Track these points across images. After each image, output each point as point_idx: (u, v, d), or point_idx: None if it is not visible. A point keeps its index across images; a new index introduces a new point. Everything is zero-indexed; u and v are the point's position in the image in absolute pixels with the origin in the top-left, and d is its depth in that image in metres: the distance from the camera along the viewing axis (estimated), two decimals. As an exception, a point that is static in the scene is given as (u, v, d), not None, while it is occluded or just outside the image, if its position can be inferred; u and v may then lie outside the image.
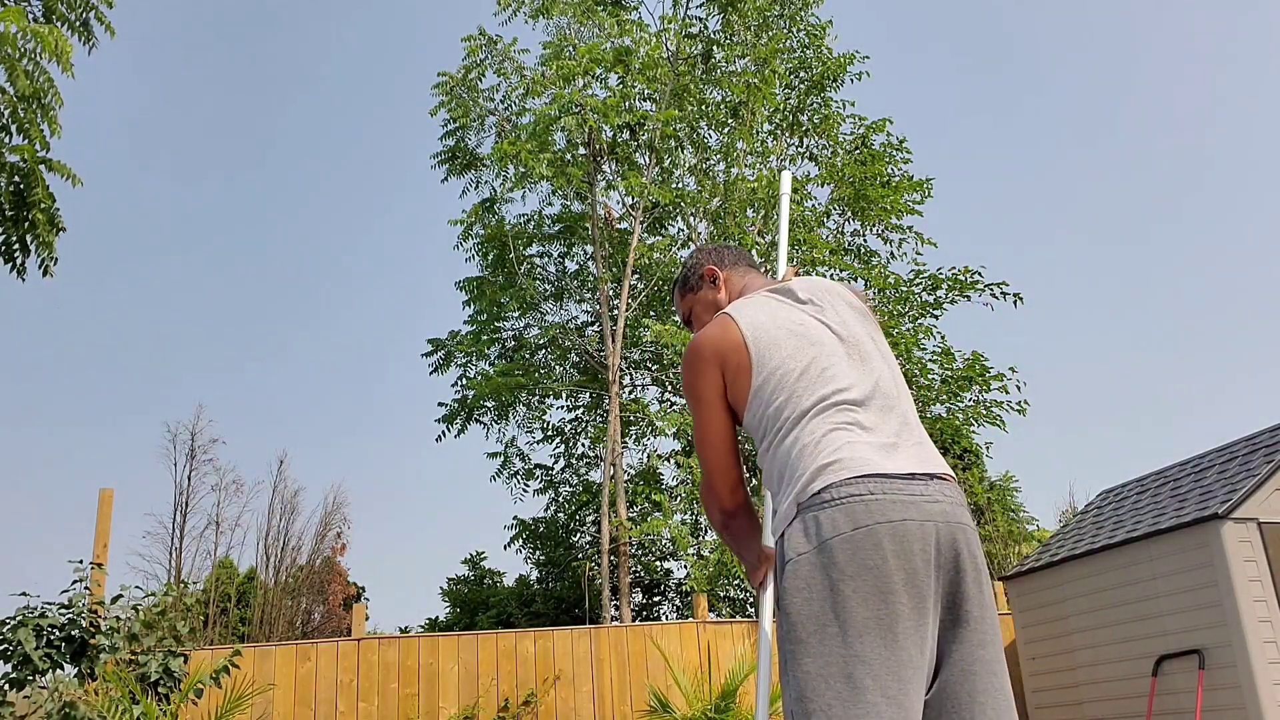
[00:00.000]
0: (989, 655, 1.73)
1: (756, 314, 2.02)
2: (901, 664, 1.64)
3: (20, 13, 5.13)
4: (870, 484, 1.74)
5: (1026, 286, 21.53)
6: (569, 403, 14.62)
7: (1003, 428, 11.93)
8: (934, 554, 1.71)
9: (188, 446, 14.55)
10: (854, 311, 2.09)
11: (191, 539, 14.06)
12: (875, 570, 1.67)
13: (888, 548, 1.68)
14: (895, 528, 1.69)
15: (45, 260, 5.96)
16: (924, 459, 1.84)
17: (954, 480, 1.85)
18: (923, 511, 1.72)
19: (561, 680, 7.75)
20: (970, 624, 1.73)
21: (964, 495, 1.86)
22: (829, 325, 2.02)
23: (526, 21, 13.01)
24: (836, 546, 1.69)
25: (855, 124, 13.86)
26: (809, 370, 1.92)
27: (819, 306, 2.06)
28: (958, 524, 1.76)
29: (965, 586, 1.73)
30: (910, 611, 1.67)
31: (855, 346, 1.99)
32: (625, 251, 12.42)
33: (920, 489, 1.76)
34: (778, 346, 1.96)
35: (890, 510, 1.71)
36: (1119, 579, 7.58)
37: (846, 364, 1.95)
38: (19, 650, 5.47)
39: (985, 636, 1.74)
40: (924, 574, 1.69)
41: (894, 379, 1.98)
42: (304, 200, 25.85)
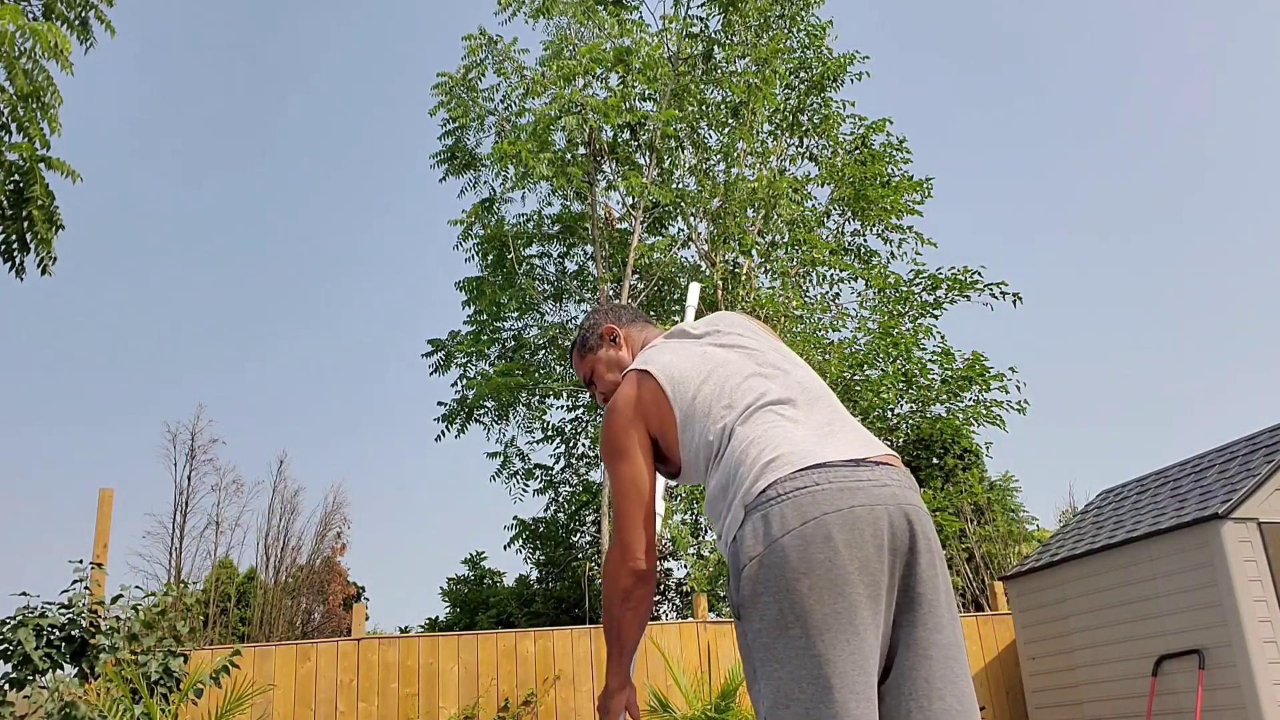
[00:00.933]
0: (944, 639, 1.69)
1: (662, 357, 2.05)
2: (865, 656, 1.62)
3: (18, 11, 5.13)
4: (814, 474, 1.71)
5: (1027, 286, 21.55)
6: (569, 403, 14.62)
7: (1003, 428, 11.94)
8: (886, 538, 1.68)
9: (188, 446, 14.55)
10: (751, 330, 2.13)
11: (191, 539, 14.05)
12: (828, 563, 1.64)
13: (838, 538, 1.65)
14: (844, 515, 1.66)
15: (44, 259, 5.96)
16: (865, 444, 1.83)
17: (899, 462, 1.82)
18: (870, 496, 1.70)
19: (561, 680, 7.75)
20: (924, 606, 1.69)
21: (911, 476, 1.83)
22: (730, 347, 2.06)
23: (527, 21, 13.01)
24: (787, 544, 1.66)
25: (855, 124, 13.87)
26: (725, 387, 1.94)
27: (716, 333, 2.11)
28: (910, 505, 1.73)
29: (919, 569, 1.70)
30: (867, 601, 1.64)
31: (760, 356, 2.02)
32: (625, 252, 12.42)
33: (866, 474, 1.73)
34: (690, 380, 1.97)
35: (837, 499, 1.68)
36: (1119, 579, 7.57)
37: (757, 370, 1.98)
38: (19, 650, 5.46)
39: (940, 620, 1.70)
40: (876, 560, 1.66)
41: (811, 377, 2.00)
42: (304, 200, 25.85)
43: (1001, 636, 8.95)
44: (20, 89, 5.42)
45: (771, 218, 12.70)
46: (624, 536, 1.95)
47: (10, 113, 5.56)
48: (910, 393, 12.13)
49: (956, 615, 1.74)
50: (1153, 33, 27.71)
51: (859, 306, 13.29)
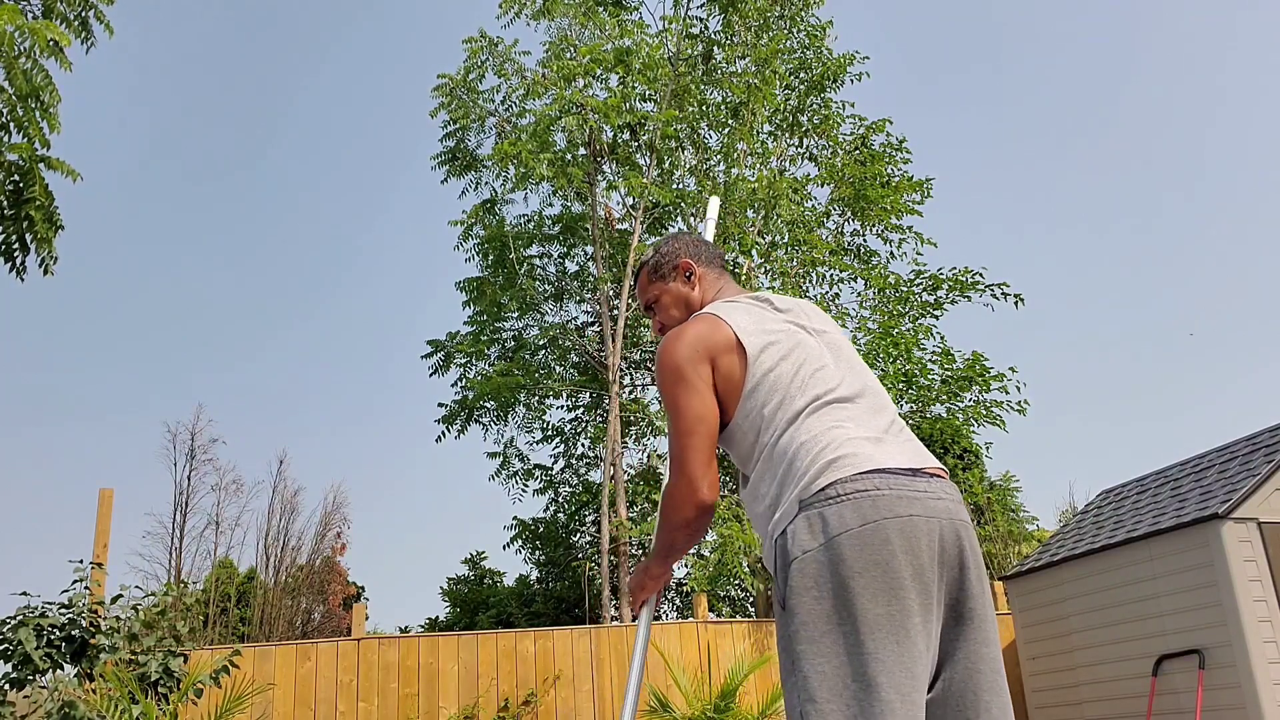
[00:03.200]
0: (992, 653, 1.74)
1: (744, 319, 2.02)
2: (914, 660, 1.64)
3: (16, 10, 5.13)
4: (876, 479, 1.73)
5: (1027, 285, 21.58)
6: (569, 403, 14.62)
7: (1003, 428, 11.93)
8: (939, 551, 1.71)
9: (188, 446, 14.54)
10: (831, 325, 2.14)
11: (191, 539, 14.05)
12: (884, 566, 1.66)
13: (896, 544, 1.67)
14: (903, 524, 1.69)
15: (45, 259, 5.96)
16: (921, 455, 1.86)
17: (948, 476, 1.86)
18: (927, 508, 1.73)
19: (561, 680, 7.74)
20: (974, 621, 1.73)
21: (958, 491, 1.86)
22: (814, 331, 2.06)
23: (528, 23, 13.02)
24: (845, 542, 1.68)
25: (855, 124, 13.87)
26: (800, 372, 1.93)
27: (799, 313, 2.11)
28: (960, 521, 1.76)
29: (969, 584, 1.73)
30: (919, 608, 1.67)
31: (838, 350, 2.03)
32: (625, 252, 12.42)
33: (924, 485, 1.76)
34: (768, 350, 1.96)
35: (897, 506, 1.70)
36: (1119, 579, 7.57)
37: (833, 363, 1.98)
38: (19, 650, 5.46)
39: (988, 634, 1.74)
40: (930, 570, 1.69)
41: (876, 382, 2.04)
42: (304, 199, 25.85)
43: (1001, 636, 8.95)
44: (20, 89, 5.42)
45: (771, 218, 12.70)
46: (691, 470, 1.93)
47: (10, 112, 5.56)
48: (910, 393, 12.13)
49: (998, 630, 1.78)
50: (1152, 29, 27.72)
51: (859, 306, 13.29)
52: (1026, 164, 27.36)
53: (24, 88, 5.42)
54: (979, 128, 26.83)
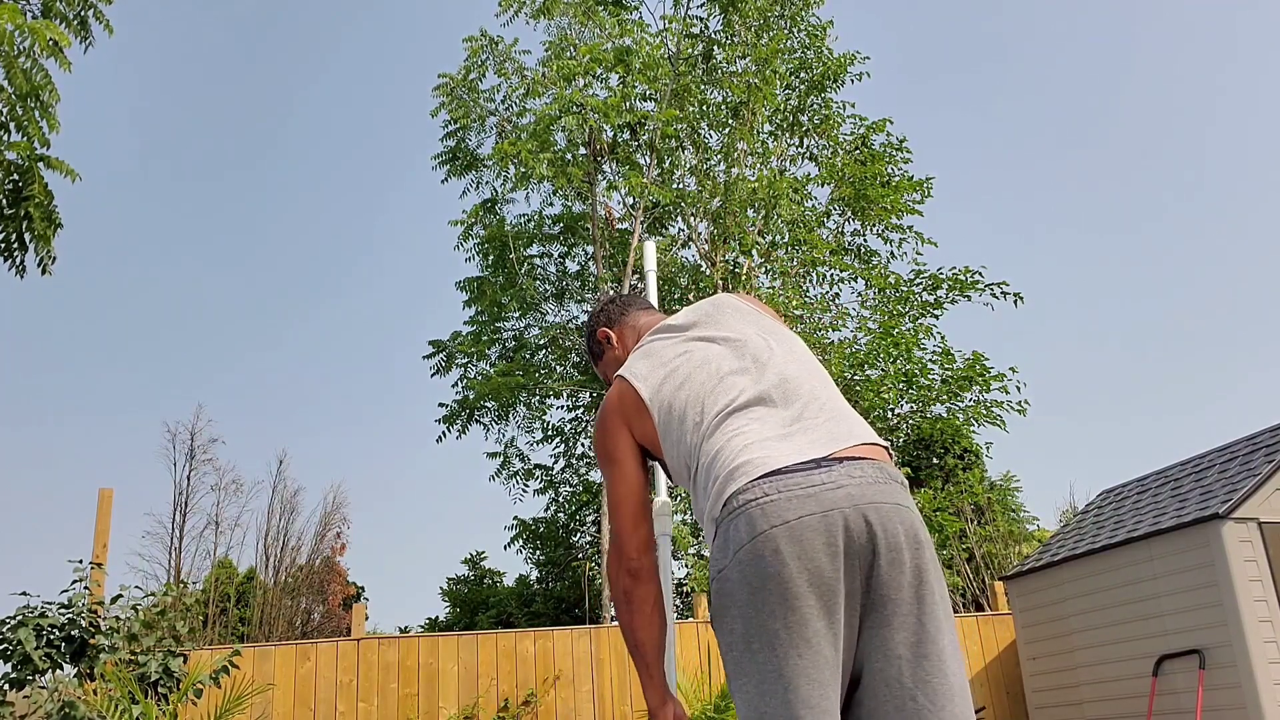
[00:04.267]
0: (915, 638, 1.62)
1: (642, 365, 2.04)
2: (819, 668, 1.59)
3: (16, 10, 5.13)
4: (766, 485, 1.68)
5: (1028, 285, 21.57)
6: (569, 403, 14.62)
7: (1003, 428, 11.94)
8: (842, 543, 1.62)
9: (187, 446, 14.54)
10: (739, 314, 2.07)
11: (191, 539, 14.04)
12: (776, 577, 1.61)
13: (786, 551, 1.61)
14: (791, 528, 1.62)
15: (44, 258, 5.95)
16: (833, 437, 1.77)
17: (873, 455, 1.75)
18: (823, 502, 1.64)
19: (561, 680, 7.74)
20: (888, 606, 1.63)
21: (886, 470, 1.73)
22: (711, 339, 2.02)
23: (528, 22, 13.02)
24: (742, 559, 1.65)
25: (855, 124, 13.87)
26: (700, 391, 1.91)
27: (699, 325, 2.07)
28: (868, 504, 1.65)
29: (881, 569, 1.63)
30: (820, 612, 1.61)
31: (743, 347, 1.97)
32: (626, 252, 12.43)
33: (822, 477, 1.67)
34: (666, 387, 1.96)
35: (786, 510, 1.64)
36: (1119, 579, 7.57)
37: (737, 366, 1.93)
38: (19, 650, 5.46)
39: (908, 619, 1.63)
40: (830, 570, 1.61)
41: (796, 363, 1.93)
42: (305, 199, 25.85)
43: (1001, 636, 8.95)
44: (19, 88, 5.42)
45: (771, 218, 12.70)
46: (617, 539, 1.96)
47: (9, 112, 5.56)
48: (910, 393, 12.13)
49: (934, 613, 1.65)
50: (1152, 27, 27.72)
51: (859, 306, 13.29)
52: (1026, 163, 27.37)
53: (24, 87, 5.42)
54: (979, 127, 26.84)
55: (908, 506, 1.70)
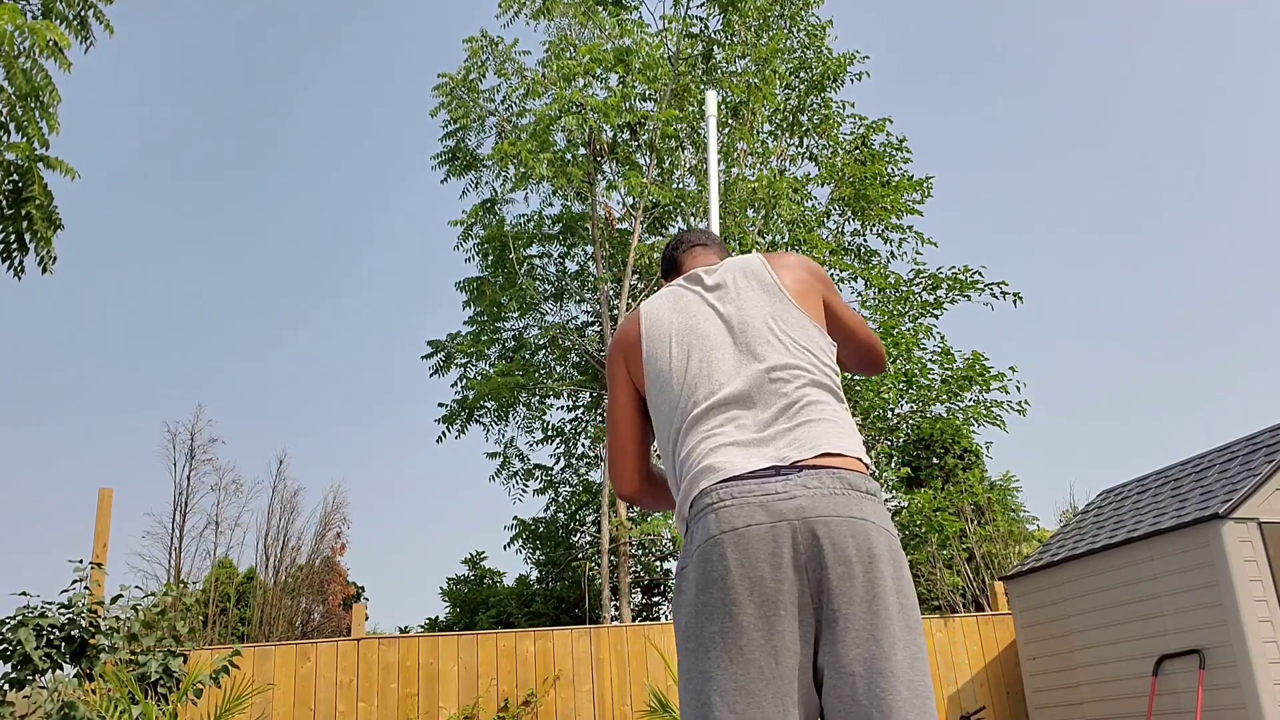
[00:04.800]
0: (867, 653, 1.60)
1: (659, 308, 2.06)
2: (750, 678, 1.59)
3: (16, 10, 5.13)
4: (722, 490, 1.70)
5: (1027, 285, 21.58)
6: (569, 403, 14.62)
7: (1003, 428, 11.93)
8: (788, 555, 1.62)
9: (187, 446, 14.53)
10: (761, 290, 2.02)
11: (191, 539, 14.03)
12: (720, 582, 1.63)
13: (731, 558, 1.63)
14: (739, 536, 1.64)
15: (44, 258, 5.95)
16: (797, 446, 1.75)
17: (835, 465, 1.73)
18: (772, 512, 1.64)
19: (561, 680, 7.74)
20: (840, 621, 1.62)
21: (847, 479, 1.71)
22: (723, 315, 2.00)
23: (528, 23, 13.03)
24: (693, 563, 1.69)
25: (855, 124, 13.87)
26: (689, 369, 1.92)
27: (723, 291, 2.05)
28: (817, 518, 1.64)
29: (830, 583, 1.62)
30: (757, 622, 1.61)
31: (745, 333, 1.95)
32: (625, 252, 12.43)
33: (777, 486, 1.67)
34: (666, 344, 1.98)
35: (736, 517, 1.65)
36: (1119, 579, 7.57)
37: (732, 356, 1.92)
38: (19, 650, 5.46)
39: (860, 634, 1.61)
40: (772, 580, 1.61)
41: (792, 358, 1.90)
42: (305, 199, 25.85)
43: (1001, 636, 8.95)
44: (19, 88, 5.41)
45: (771, 218, 12.70)
46: (610, 463, 2.12)
47: (9, 112, 5.56)
48: (910, 393, 12.12)
49: (889, 628, 1.63)
50: (1151, 27, 27.72)
51: (859, 306, 13.29)
52: (1026, 163, 27.37)
53: (23, 87, 5.42)
54: (979, 127, 26.84)
55: (863, 519, 1.68)
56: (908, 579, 1.71)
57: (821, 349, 1.95)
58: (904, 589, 1.68)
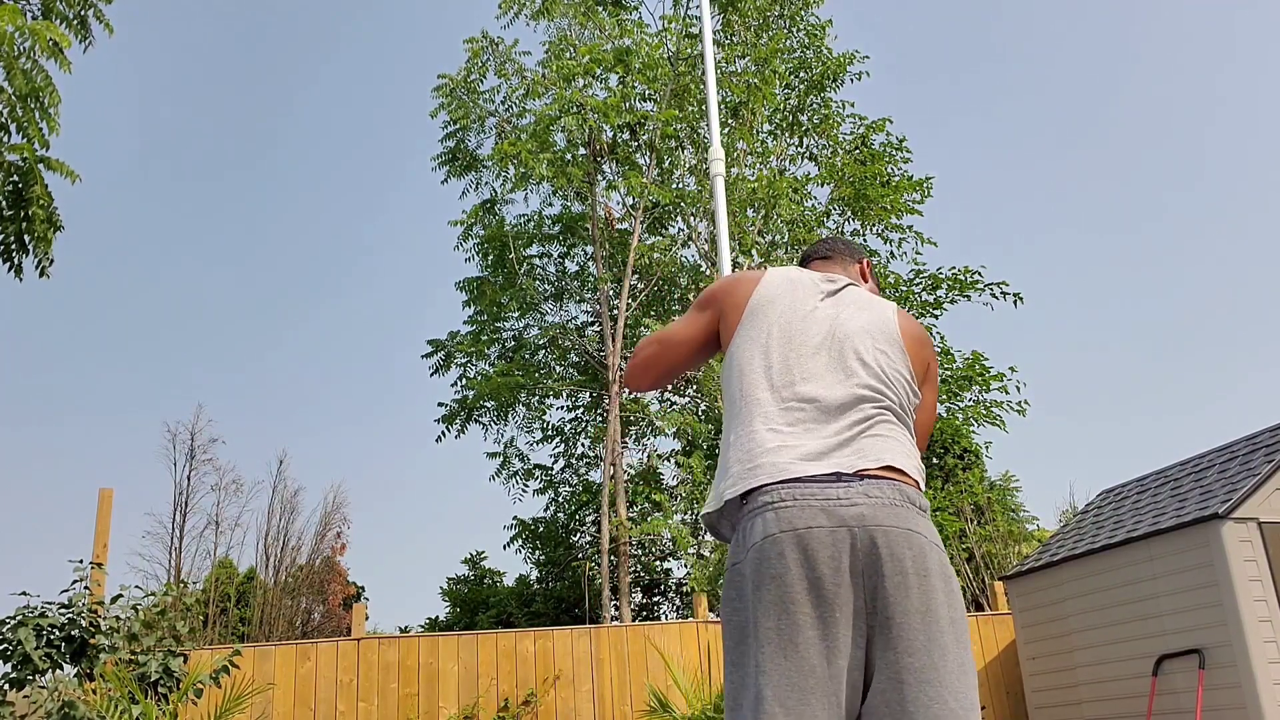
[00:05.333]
0: (918, 663, 1.64)
1: (778, 285, 2.08)
2: (803, 675, 1.62)
3: (16, 10, 5.13)
4: (784, 490, 1.72)
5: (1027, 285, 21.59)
6: (569, 403, 14.63)
7: (1003, 428, 11.95)
8: (846, 561, 1.66)
9: (188, 446, 14.54)
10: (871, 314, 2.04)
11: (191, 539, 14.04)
12: (779, 580, 1.66)
13: (790, 557, 1.66)
14: (800, 536, 1.67)
15: (42, 260, 5.95)
16: (862, 456, 1.78)
17: (896, 478, 1.78)
18: (834, 518, 1.68)
19: (561, 680, 7.74)
20: (893, 629, 1.65)
21: (906, 493, 1.76)
22: (831, 318, 2.01)
23: (528, 23, 13.04)
24: (751, 557, 1.71)
25: (855, 124, 13.88)
26: (781, 356, 1.94)
27: (838, 298, 2.07)
28: (876, 527, 1.68)
29: (886, 592, 1.66)
30: (814, 621, 1.64)
31: (844, 343, 1.96)
32: (625, 252, 12.43)
33: (839, 492, 1.71)
34: (766, 322, 2.00)
35: (797, 518, 1.68)
36: (1119, 579, 7.57)
37: (825, 360, 1.93)
38: (19, 650, 5.46)
39: (913, 644, 1.64)
40: (831, 582, 1.65)
41: (876, 382, 1.92)
42: (305, 199, 25.85)
43: (1001, 636, 8.95)
44: (19, 89, 5.41)
45: (771, 217, 12.70)
46: (641, 364, 2.19)
47: (10, 113, 5.56)
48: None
49: (940, 638, 1.66)
50: (1151, 27, 27.71)
51: (859, 306, 13.28)
52: (1026, 164, 27.36)
53: (23, 88, 5.42)
54: (979, 127, 26.84)
55: (920, 533, 1.72)
56: (958, 594, 1.75)
57: (907, 391, 1.98)
58: (954, 604, 1.72)
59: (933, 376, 2.15)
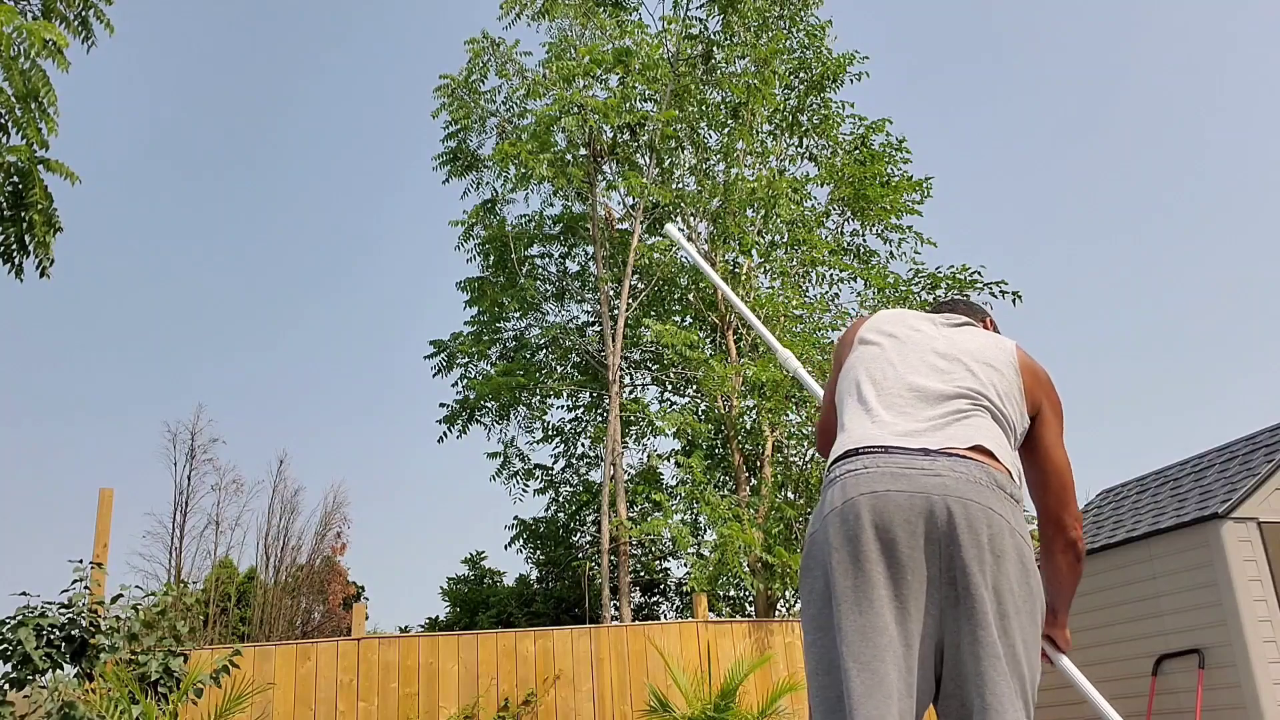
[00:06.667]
0: (985, 636, 1.66)
1: (892, 313, 2.16)
2: (877, 630, 1.65)
3: (13, 11, 5.13)
4: (865, 459, 1.77)
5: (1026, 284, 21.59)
6: (569, 403, 14.63)
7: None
8: (923, 526, 1.69)
9: (188, 446, 14.55)
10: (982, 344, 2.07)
11: (191, 539, 14.06)
12: (853, 540, 1.69)
13: (865, 518, 1.70)
14: (878, 498, 1.70)
15: (42, 261, 5.94)
16: (949, 438, 1.81)
17: (984, 460, 1.79)
18: (915, 484, 1.71)
19: (561, 680, 7.75)
20: (965, 601, 1.68)
21: (993, 475, 1.77)
22: (939, 336, 2.07)
23: (529, 24, 13.04)
24: (829, 521, 1.75)
25: (855, 124, 13.87)
26: (886, 354, 2.01)
27: (958, 333, 2.11)
28: (957, 498, 1.70)
29: (962, 561, 1.68)
30: (886, 580, 1.67)
31: (949, 355, 2.01)
32: (626, 252, 12.43)
33: (923, 463, 1.74)
34: (875, 334, 2.09)
35: (876, 482, 1.72)
36: (1119, 579, 7.57)
37: (929, 363, 1.98)
38: (19, 650, 5.46)
39: (983, 616, 1.67)
40: (907, 545, 1.68)
41: (979, 386, 1.94)
42: (306, 199, 25.86)
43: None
44: (17, 90, 5.41)
45: (771, 218, 12.70)
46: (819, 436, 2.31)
47: (9, 114, 5.55)
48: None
49: (1014, 609, 1.70)
50: (1150, 28, 27.71)
51: (859, 306, 13.29)
52: (1026, 164, 27.37)
53: (21, 89, 5.42)
54: (979, 128, 26.84)
55: (1000, 514, 1.73)
56: (1034, 588, 1.75)
57: (1013, 407, 1.98)
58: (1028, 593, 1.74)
59: (1048, 417, 2.11)
